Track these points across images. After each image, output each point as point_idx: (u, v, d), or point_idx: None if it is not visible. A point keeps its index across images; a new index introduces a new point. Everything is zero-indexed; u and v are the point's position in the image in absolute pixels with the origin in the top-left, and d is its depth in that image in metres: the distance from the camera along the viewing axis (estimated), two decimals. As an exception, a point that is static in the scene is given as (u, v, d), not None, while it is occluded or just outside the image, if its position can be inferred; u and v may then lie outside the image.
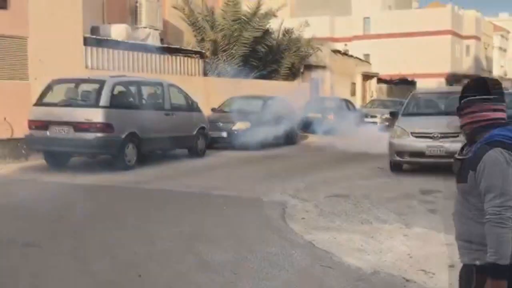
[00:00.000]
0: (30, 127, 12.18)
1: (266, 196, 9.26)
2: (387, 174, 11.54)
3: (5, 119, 12.91)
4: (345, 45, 55.46)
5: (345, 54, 36.77)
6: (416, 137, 11.33)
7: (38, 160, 13.09)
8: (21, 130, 12.59)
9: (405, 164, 11.91)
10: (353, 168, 12.52)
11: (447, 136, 11.17)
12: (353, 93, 35.18)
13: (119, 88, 12.58)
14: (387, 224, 7.26)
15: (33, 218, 7.66)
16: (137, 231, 6.98)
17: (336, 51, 35.22)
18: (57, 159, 12.61)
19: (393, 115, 12.99)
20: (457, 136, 11.15)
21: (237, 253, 6.07)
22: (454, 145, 11.07)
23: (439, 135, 11.15)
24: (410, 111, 12.52)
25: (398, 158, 11.51)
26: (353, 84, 35.91)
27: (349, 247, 6.31)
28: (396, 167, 11.81)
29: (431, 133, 11.21)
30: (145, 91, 13.59)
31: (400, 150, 11.41)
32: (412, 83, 44.43)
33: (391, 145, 11.55)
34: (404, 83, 44.32)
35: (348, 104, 26.73)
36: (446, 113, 12.46)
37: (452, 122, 9.22)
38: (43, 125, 11.95)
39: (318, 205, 8.52)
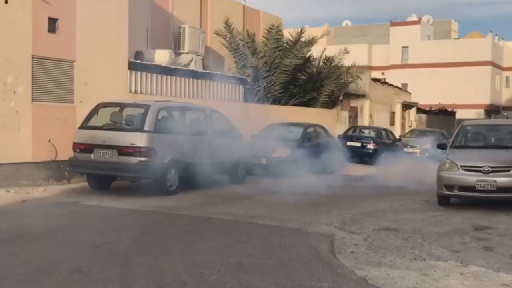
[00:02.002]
0: (74, 150, 12.28)
1: (311, 227, 9.06)
2: (435, 208, 11.23)
3: (49, 141, 13.00)
4: (382, 73, 55.24)
5: (385, 82, 36.49)
6: (466, 170, 11.02)
7: (80, 182, 13.17)
8: (65, 153, 12.67)
9: (454, 198, 11.58)
10: (398, 201, 12.24)
11: (498, 170, 10.85)
12: (392, 123, 34.80)
13: (163, 113, 12.62)
14: (441, 261, 6.98)
15: (77, 243, 7.60)
16: (184, 259, 6.84)
17: (376, 80, 34.98)
18: (100, 182, 12.66)
19: (441, 147, 12.68)
20: (509, 170, 10.85)
21: (286, 286, 5.88)
22: (505, 180, 10.76)
23: (489, 169, 10.82)
24: (459, 143, 12.23)
25: (446, 192, 11.21)
26: (393, 113, 35.55)
27: (404, 284, 6.06)
28: (444, 201, 11.49)
29: (481, 167, 10.89)
30: (189, 116, 13.61)
31: (449, 183, 11.11)
32: (452, 114, 43.84)
33: (439, 178, 11.27)
34: (443, 114, 43.76)
35: (388, 133, 26.43)
36: (497, 146, 12.17)
37: None
38: (88, 148, 12.03)
39: (367, 238, 8.28)
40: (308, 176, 16.29)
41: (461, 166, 11.10)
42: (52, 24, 13.23)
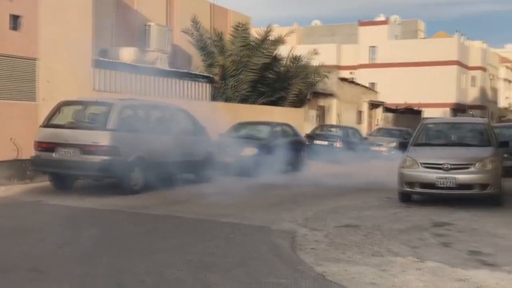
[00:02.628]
0: (36, 149, 12.12)
1: (274, 225, 9.11)
2: (397, 205, 11.38)
3: (11, 139, 12.81)
4: (351, 73, 55.68)
5: (352, 82, 36.83)
6: (427, 167, 11.19)
7: (43, 182, 13.00)
8: (28, 151, 12.50)
9: (415, 195, 11.75)
10: (361, 198, 12.37)
11: (458, 168, 11.04)
12: (359, 121, 35.14)
13: (127, 112, 12.52)
14: (400, 257, 7.09)
15: (37, 243, 7.52)
16: (144, 258, 6.82)
17: (344, 79, 35.28)
18: (63, 181, 12.53)
19: (403, 145, 12.85)
20: (469, 167, 11.05)
21: (246, 284, 5.91)
22: (465, 177, 10.97)
23: (449, 166, 11.00)
24: (421, 141, 12.41)
25: (408, 189, 11.37)
26: (360, 112, 35.90)
27: (361, 280, 6.14)
28: (406, 198, 11.66)
29: (441, 164, 11.07)
30: (154, 115, 13.50)
31: (410, 180, 11.26)
32: (418, 112, 44.42)
33: (401, 175, 11.42)
34: (410, 112, 44.32)
35: (355, 132, 26.67)
36: (457, 144, 12.38)
37: None
38: (50, 146, 11.88)
39: (328, 235, 8.36)
40: (274, 174, 16.38)
41: (422, 163, 11.25)
42: (15, 21, 13.04)
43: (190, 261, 6.74)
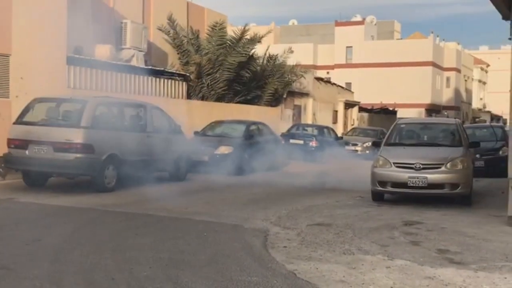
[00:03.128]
0: (9, 146, 12.01)
1: (248, 223, 9.15)
2: (369, 204, 11.51)
3: (-17, 136, 12.65)
4: (327, 73, 56.00)
5: (328, 82, 37.05)
6: (398, 167, 11.33)
7: (16, 179, 12.89)
8: (1, 149, 12.37)
9: (387, 194, 11.89)
10: (335, 197, 12.47)
11: (429, 167, 11.20)
12: (335, 121, 35.37)
13: (101, 109, 12.47)
14: (370, 255, 7.18)
15: (7, 240, 7.46)
16: (115, 256, 6.81)
17: (319, 79, 35.48)
18: (36, 179, 12.43)
19: (376, 145, 12.99)
20: (440, 167, 11.22)
21: (216, 281, 5.94)
22: (436, 176, 11.13)
23: (421, 166, 11.15)
24: (393, 140, 12.56)
25: (380, 188, 11.49)
26: (335, 111, 36.13)
27: (331, 278, 6.21)
28: (378, 197, 11.79)
29: (413, 164, 11.22)
30: (128, 112, 13.46)
31: (382, 180, 11.39)
32: (393, 113, 44.85)
33: (373, 174, 11.54)
34: (385, 112, 44.74)
35: (330, 131, 26.84)
36: (429, 144, 12.55)
37: None
38: (22, 144, 11.77)
39: (300, 233, 8.43)
40: (249, 173, 16.45)
41: (394, 163, 11.38)
42: (-14, 17, 12.91)
43: (161, 258, 6.75)
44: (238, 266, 6.57)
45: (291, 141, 23.76)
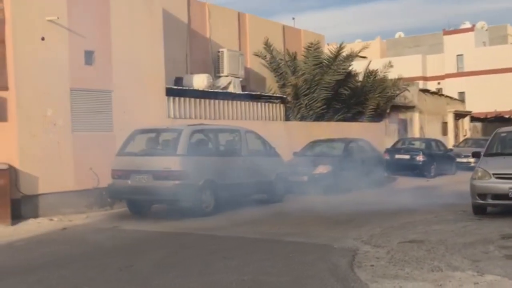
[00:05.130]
0: (113, 176, 12.68)
1: (338, 242, 9.04)
2: (469, 218, 11.00)
3: (91, 169, 13.46)
4: (438, 83, 54.28)
5: (435, 93, 35.90)
6: (498, 178, 10.75)
7: (122, 208, 13.55)
8: (107, 179, 13.08)
9: (488, 206, 11.30)
10: (435, 212, 12.04)
11: (532, 177, 10.53)
12: (444, 133, 34.13)
13: (197, 136, 12.90)
14: (459, 271, 6.86)
15: (103, 267, 7.84)
16: (200, 279, 6.98)
17: (425, 91, 34.47)
18: (139, 206, 13.00)
19: (476, 156, 12.42)
20: (543, 176, 10.52)
21: (296, 302, 5.93)
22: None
23: (523, 176, 10.52)
24: (493, 151, 11.95)
25: (480, 201, 10.97)
26: (445, 123, 34.87)
27: (414, 296, 6.01)
28: (479, 210, 11.24)
29: (514, 174, 10.60)
30: (222, 138, 13.83)
31: (482, 192, 10.87)
32: (509, 120, 42.53)
33: (472, 187, 11.05)
34: (500, 121, 42.49)
35: (439, 144, 25.94)
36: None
37: None
38: (125, 174, 12.40)
39: (390, 251, 8.21)
40: (349, 191, 16.24)
41: (493, 174, 10.83)
42: (89, 56, 13.77)
43: (244, 281, 6.83)
44: (320, 286, 6.52)
45: (397, 156, 23.23)
